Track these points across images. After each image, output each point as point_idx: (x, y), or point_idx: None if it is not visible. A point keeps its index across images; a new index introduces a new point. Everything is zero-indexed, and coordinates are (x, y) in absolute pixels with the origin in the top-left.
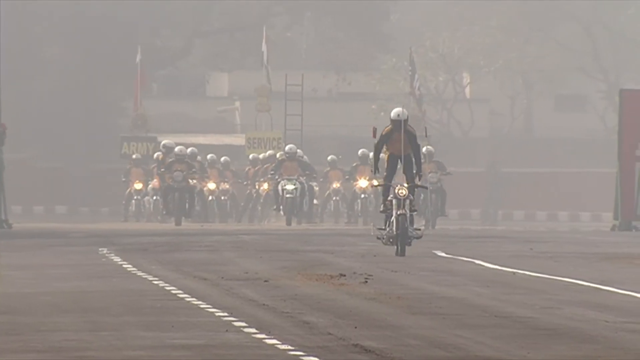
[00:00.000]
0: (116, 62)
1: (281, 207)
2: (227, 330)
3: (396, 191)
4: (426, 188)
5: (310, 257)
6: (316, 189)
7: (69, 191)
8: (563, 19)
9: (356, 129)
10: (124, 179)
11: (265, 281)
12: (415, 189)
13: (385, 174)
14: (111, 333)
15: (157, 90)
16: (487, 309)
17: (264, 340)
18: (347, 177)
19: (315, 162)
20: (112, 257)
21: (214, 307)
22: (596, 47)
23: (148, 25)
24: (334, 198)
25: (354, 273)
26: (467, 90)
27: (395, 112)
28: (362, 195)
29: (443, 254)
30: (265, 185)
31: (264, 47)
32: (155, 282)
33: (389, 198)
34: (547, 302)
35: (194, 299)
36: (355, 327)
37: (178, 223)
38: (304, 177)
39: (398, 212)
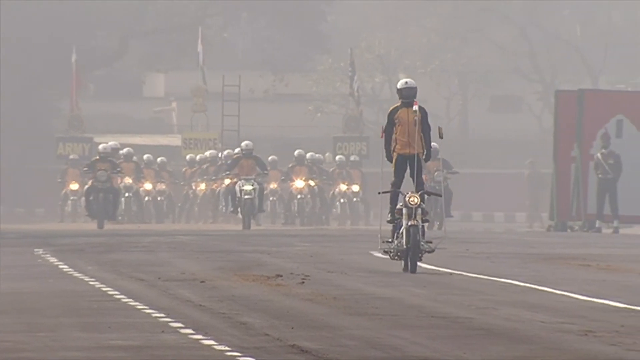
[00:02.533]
0: (51, 63)
1: (239, 208)
2: (163, 331)
3: (407, 199)
4: (440, 195)
5: (247, 257)
6: None
7: (4, 192)
8: (498, 20)
9: (293, 129)
10: (59, 180)
11: (202, 282)
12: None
13: (393, 179)
14: (47, 334)
15: (94, 91)
16: (423, 309)
17: (200, 341)
18: (283, 177)
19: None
20: (48, 258)
21: (150, 308)
22: (532, 48)
23: (83, 26)
24: (271, 198)
25: (291, 274)
26: None
27: (402, 81)
28: (299, 196)
29: (379, 255)
30: (202, 186)
31: (199, 48)
32: (92, 283)
33: (398, 206)
34: (483, 302)
35: (130, 299)
36: (292, 328)
37: (100, 226)
38: (261, 176)
39: (409, 223)
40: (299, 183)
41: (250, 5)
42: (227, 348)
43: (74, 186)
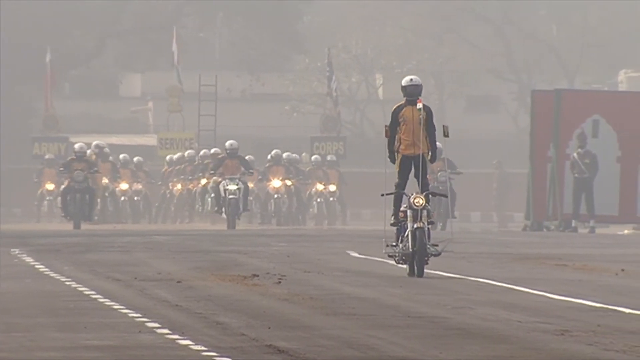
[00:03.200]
0: (27, 63)
1: (223, 208)
2: (140, 331)
3: (412, 200)
4: (445, 196)
5: (223, 257)
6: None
7: None
8: (475, 20)
9: (269, 129)
10: (36, 180)
11: (178, 282)
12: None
13: (397, 180)
14: (24, 334)
15: (70, 91)
16: (400, 309)
17: (177, 341)
18: (260, 177)
19: None
20: (25, 258)
21: (127, 308)
22: (508, 48)
23: (59, 26)
24: (249, 198)
25: (267, 274)
26: (380, 91)
27: (407, 78)
28: (276, 196)
29: (356, 254)
30: (179, 186)
31: (174, 48)
32: (68, 283)
33: (402, 208)
34: (459, 302)
35: (106, 299)
36: (269, 328)
37: (77, 226)
38: (245, 176)
39: (414, 226)
40: (275, 183)
41: (227, 5)
42: (203, 348)
43: (50, 186)
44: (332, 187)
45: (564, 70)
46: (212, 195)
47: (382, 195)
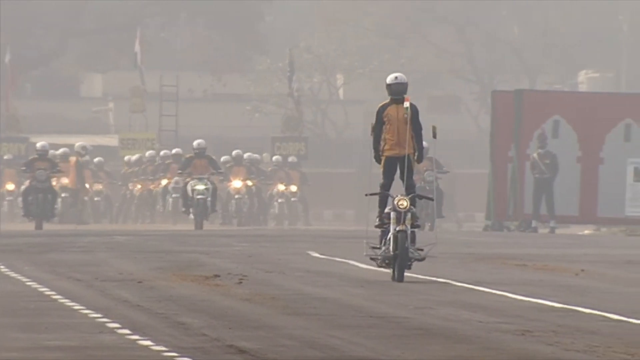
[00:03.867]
0: None
1: (191, 209)
2: (101, 332)
3: (395, 202)
4: (432, 199)
5: (185, 257)
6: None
7: None
8: (437, 20)
9: (231, 129)
10: None
11: (140, 282)
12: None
13: (382, 181)
14: None
15: (31, 91)
16: (361, 309)
17: (138, 342)
18: (221, 178)
19: None
20: None
21: (87, 309)
22: (470, 49)
23: (20, 25)
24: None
25: (229, 274)
26: (342, 91)
27: (392, 75)
28: (237, 196)
29: (317, 255)
30: (140, 186)
31: (137, 48)
32: (29, 284)
33: (387, 210)
34: (421, 302)
35: (67, 300)
36: (230, 328)
37: (39, 227)
38: (214, 176)
39: (397, 228)
40: (236, 183)
41: (189, 6)
42: (164, 348)
43: (10, 186)
44: (294, 188)
45: (525, 71)
46: (174, 195)
47: (367, 195)
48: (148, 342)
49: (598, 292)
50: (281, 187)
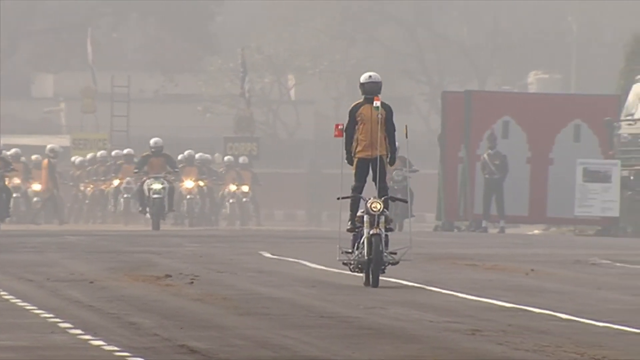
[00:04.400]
0: None
1: (147, 209)
2: (52, 332)
3: (369, 205)
4: (406, 202)
5: (136, 258)
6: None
7: None
8: (387, 21)
9: (182, 130)
10: None
11: (91, 282)
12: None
13: (354, 183)
14: None
15: None
16: (312, 309)
17: (89, 342)
18: (173, 177)
19: None
20: None
21: (39, 309)
22: (420, 49)
23: None
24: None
25: (180, 274)
26: (293, 92)
27: (366, 74)
28: (188, 196)
29: (269, 255)
30: (91, 187)
31: (88, 48)
32: None
33: (359, 213)
34: (372, 302)
35: (19, 300)
36: (182, 328)
37: None
38: (170, 175)
39: (370, 232)
40: (188, 183)
41: (140, 6)
42: (116, 348)
43: None
44: (245, 188)
45: (475, 72)
46: (125, 195)
47: (338, 198)
48: (100, 342)
49: (547, 292)
50: (233, 187)
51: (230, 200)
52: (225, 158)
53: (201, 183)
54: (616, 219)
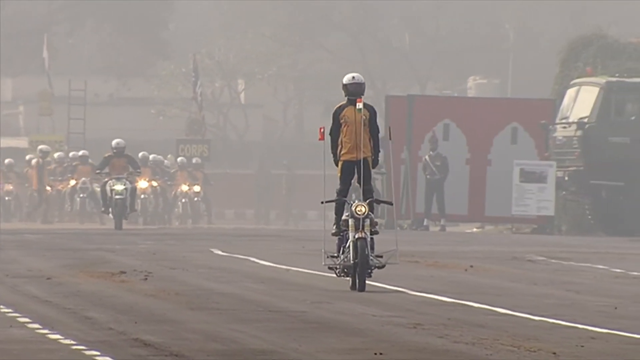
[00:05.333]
0: None
1: (110, 209)
2: (11, 326)
3: (354, 209)
4: (391, 204)
5: (92, 255)
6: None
7: None
8: (333, 28)
9: (137, 132)
10: None
11: (49, 278)
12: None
13: (339, 186)
14: None
15: None
16: (261, 304)
17: (47, 336)
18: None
19: None
20: None
21: None
22: (364, 56)
23: None
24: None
25: (134, 270)
26: (242, 96)
27: (349, 75)
28: (142, 196)
29: (219, 252)
30: (48, 187)
31: (45, 54)
32: None
33: (344, 217)
34: (318, 297)
35: None
36: (136, 322)
37: None
38: (132, 175)
39: (356, 236)
40: (142, 184)
41: (95, 13)
42: (72, 342)
43: None
44: (197, 188)
45: (417, 77)
46: (81, 195)
47: (322, 202)
48: (57, 336)
49: (486, 287)
50: (185, 187)
51: (183, 200)
52: (178, 159)
53: (154, 183)
54: (551, 218)
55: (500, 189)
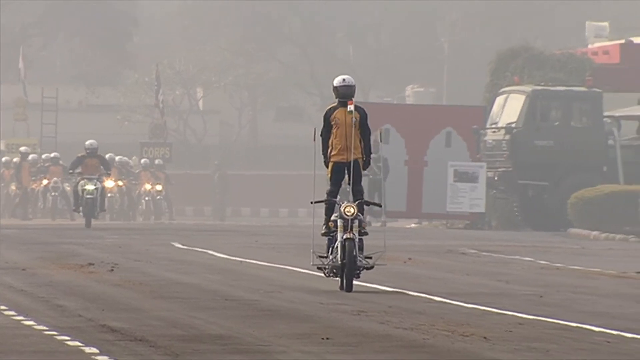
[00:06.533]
0: None
1: (81, 207)
2: None
3: (342, 209)
4: (380, 206)
5: (63, 248)
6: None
7: None
8: (283, 41)
9: (104, 136)
10: None
11: (23, 270)
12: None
13: (329, 187)
14: None
15: None
16: (218, 293)
17: (22, 322)
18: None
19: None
20: None
21: None
22: (311, 65)
23: None
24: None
25: (102, 262)
26: (201, 103)
27: (339, 78)
28: (109, 194)
29: (180, 245)
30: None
31: (20, 64)
32: None
33: (333, 218)
34: (270, 287)
35: None
36: (103, 310)
37: None
38: (104, 176)
39: (344, 236)
40: (109, 183)
41: (66, 27)
42: (45, 328)
43: None
44: (159, 187)
45: (360, 85)
46: (53, 194)
47: (312, 202)
48: (31, 322)
49: (423, 278)
50: (148, 186)
51: (146, 198)
52: (142, 161)
53: (120, 183)
54: (482, 214)
55: (436, 188)
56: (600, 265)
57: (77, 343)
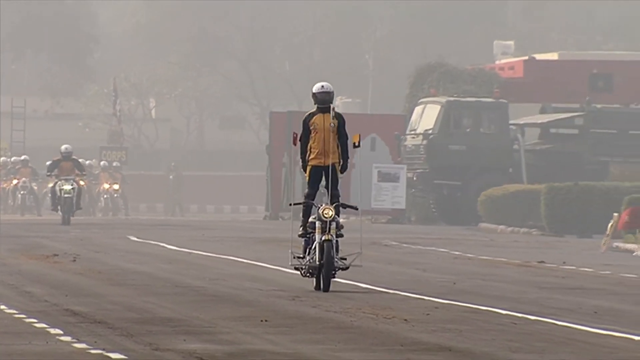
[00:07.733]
0: None
1: (59, 206)
2: None
3: (320, 212)
4: (356, 209)
5: (31, 241)
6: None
7: None
8: (227, 57)
9: (67, 141)
10: None
11: None
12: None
13: (307, 190)
14: None
15: None
16: (169, 280)
17: None
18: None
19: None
20: None
21: None
22: (252, 79)
23: None
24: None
25: (65, 253)
26: (153, 112)
27: (318, 84)
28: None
29: (135, 238)
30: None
31: None
32: None
33: (311, 219)
34: (215, 275)
35: None
36: (66, 295)
37: None
38: (79, 177)
39: (322, 238)
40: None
41: (34, 43)
42: (15, 311)
43: None
44: (116, 186)
45: (295, 97)
46: (22, 192)
47: (290, 205)
48: (2, 307)
49: (350, 267)
50: (106, 185)
51: (105, 196)
52: (101, 163)
53: (82, 182)
54: (403, 211)
55: (362, 187)
56: (507, 256)
57: (44, 325)
